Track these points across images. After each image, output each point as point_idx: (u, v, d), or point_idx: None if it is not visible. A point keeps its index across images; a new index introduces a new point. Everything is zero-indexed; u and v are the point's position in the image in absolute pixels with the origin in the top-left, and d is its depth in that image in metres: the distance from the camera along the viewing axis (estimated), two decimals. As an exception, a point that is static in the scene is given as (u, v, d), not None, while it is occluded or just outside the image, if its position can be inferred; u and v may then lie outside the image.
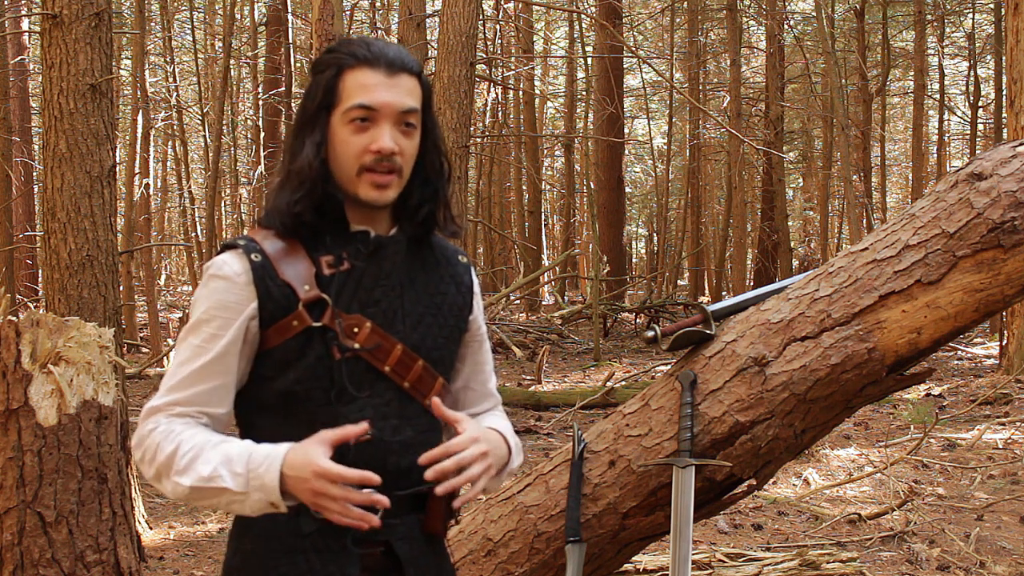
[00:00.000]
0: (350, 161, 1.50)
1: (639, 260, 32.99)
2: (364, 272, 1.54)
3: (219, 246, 1.56)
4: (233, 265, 1.51)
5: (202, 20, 20.46)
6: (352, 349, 1.51)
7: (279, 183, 1.55)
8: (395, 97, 1.49)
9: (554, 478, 2.57)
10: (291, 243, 1.53)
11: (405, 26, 10.57)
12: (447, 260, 1.67)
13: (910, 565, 4.18)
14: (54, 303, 4.58)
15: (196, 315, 1.51)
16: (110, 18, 4.77)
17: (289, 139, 1.58)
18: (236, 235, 1.69)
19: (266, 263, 1.50)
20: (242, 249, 1.51)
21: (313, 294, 1.50)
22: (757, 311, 2.45)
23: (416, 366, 1.56)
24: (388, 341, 1.54)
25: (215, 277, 1.51)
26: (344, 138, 1.50)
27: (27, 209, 14.84)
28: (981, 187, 2.25)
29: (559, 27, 24.80)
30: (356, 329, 1.52)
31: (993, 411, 7.88)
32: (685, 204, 23.04)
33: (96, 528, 3.04)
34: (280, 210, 1.52)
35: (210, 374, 1.50)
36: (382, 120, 1.49)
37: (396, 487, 1.53)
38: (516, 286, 14.98)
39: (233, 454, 1.43)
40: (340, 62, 1.51)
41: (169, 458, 1.45)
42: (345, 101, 1.50)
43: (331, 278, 1.52)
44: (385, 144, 1.48)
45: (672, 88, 16.92)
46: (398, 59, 1.52)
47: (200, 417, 1.51)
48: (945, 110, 20.57)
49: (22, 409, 2.95)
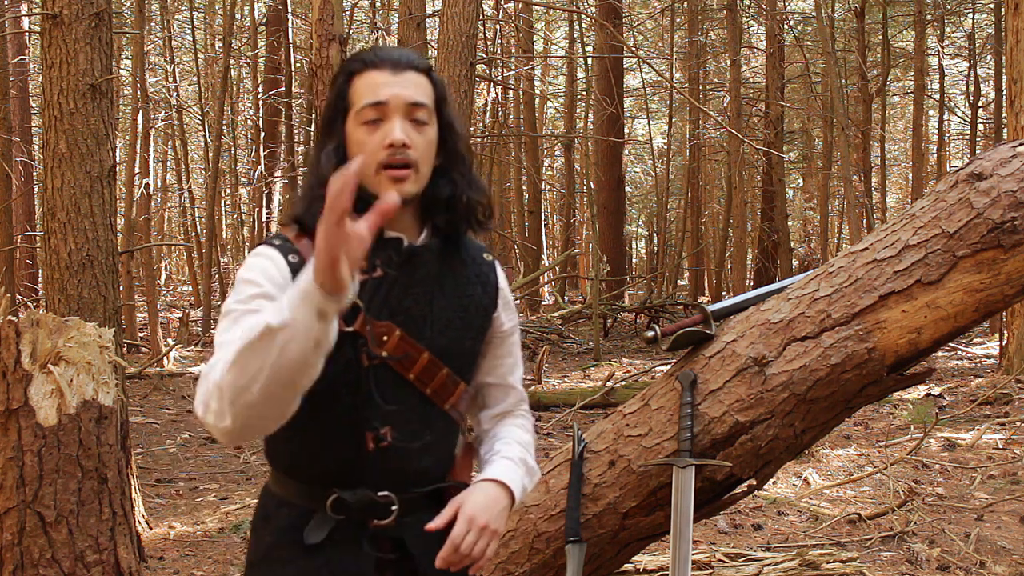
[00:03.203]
0: (368, 161, 1.50)
1: (639, 260, 32.99)
2: (396, 280, 1.55)
3: (256, 243, 1.55)
4: (276, 257, 1.51)
5: (202, 20, 20.46)
6: (380, 357, 1.52)
7: (306, 187, 1.57)
8: (401, 90, 1.52)
9: (554, 478, 2.57)
10: None
11: (405, 26, 10.57)
12: (473, 259, 1.68)
13: (910, 565, 4.18)
14: (54, 303, 4.58)
15: (241, 287, 1.46)
16: (110, 18, 4.76)
17: (315, 145, 1.62)
18: (269, 235, 1.67)
19: (302, 264, 1.50)
20: (279, 249, 1.52)
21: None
22: (757, 311, 2.45)
23: (440, 374, 1.58)
24: (416, 349, 1.56)
25: (259, 258, 1.51)
26: (359, 139, 1.52)
27: (27, 209, 14.84)
28: (981, 187, 2.25)
29: (559, 27, 24.80)
30: (385, 337, 1.53)
31: (993, 411, 7.88)
32: (685, 204, 23.04)
33: (96, 528, 3.04)
34: (313, 218, 1.44)
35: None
36: (392, 114, 1.51)
37: (415, 486, 1.57)
38: (516, 286, 14.96)
39: (266, 309, 1.33)
40: (350, 68, 1.56)
41: (226, 364, 1.31)
42: (356, 104, 1.53)
43: (363, 284, 1.52)
44: (396, 136, 1.49)
45: (672, 88, 16.92)
46: (404, 58, 1.55)
47: None
48: (945, 110, 20.57)
49: (22, 409, 2.95)
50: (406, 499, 1.56)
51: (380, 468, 1.54)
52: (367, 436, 1.53)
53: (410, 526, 1.57)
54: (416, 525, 1.56)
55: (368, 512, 1.54)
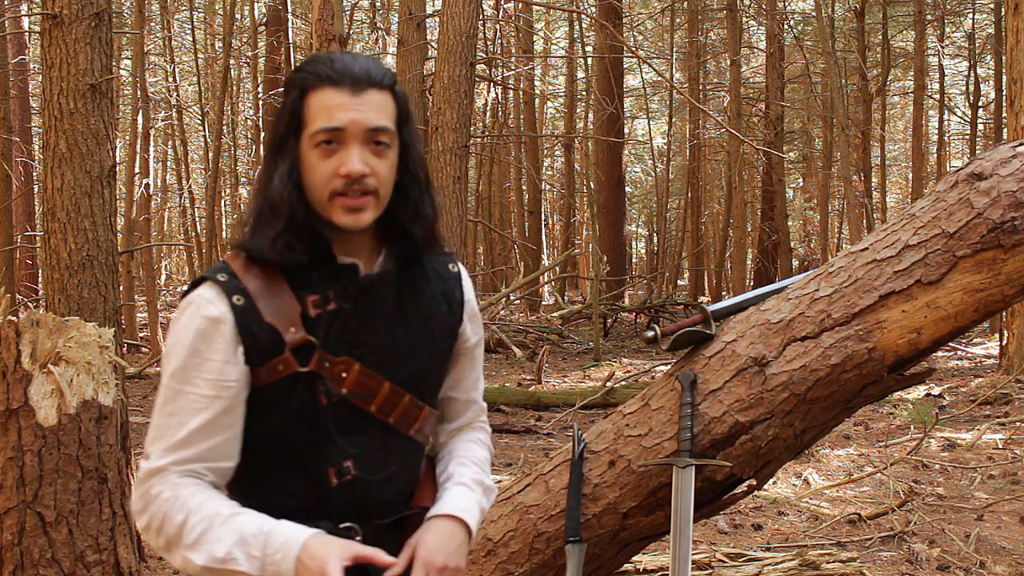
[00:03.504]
0: (320, 187, 1.42)
1: (639, 260, 33.00)
2: (353, 312, 1.47)
3: (195, 278, 1.48)
4: (217, 306, 1.42)
5: (202, 20, 20.46)
6: (339, 395, 1.46)
7: (255, 211, 1.46)
8: (361, 115, 1.40)
9: (554, 478, 2.57)
10: (273, 277, 1.45)
11: (405, 26, 10.58)
12: (437, 275, 1.59)
13: (910, 565, 4.18)
14: (54, 303, 4.58)
15: (181, 359, 1.41)
16: (110, 18, 4.77)
17: (263, 162, 1.49)
18: (215, 263, 1.60)
19: (249, 305, 1.42)
20: (222, 288, 1.43)
21: (299, 337, 1.43)
22: (757, 311, 2.45)
23: (402, 403, 1.52)
24: (376, 382, 1.49)
25: (197, 317, 1.42)
26: (312, 163, 1.42)
27: (27, 209, 14.84)
28: (981, 187, 2.25)
29: (559, 27, 24.81)
30: (344, 373, 1.46)
31: (993, 411, 7.88)
32: (685, 204, 23.05)
33: (96, 528, 3.04)
34: (264, 247, 1.43)
35: (219, 427, 1.42)
36: (350, 141, 1.40)
37: (376, 517, 1.52)
38: (516, 286, 14.97)
39: (248, 534, 1.36)
40: (304, 83, 1.43)
41: (178, 530, 1.37)
42: (310, 125, 1.41)
43: (317, 319, 1.45)
44: (354, 167, 1.39)
45: (672, 88, 16.92)
46: (364, 74, 1.42)
47: (206, 475, 1.43)
48: (945, 110, 20.57)
49: (22, 409, 2.95)
50: (369, 528, 1.51)
51: (344, 500, 1.49)
52: (329, 472, 1.48)
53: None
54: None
55: None
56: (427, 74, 10.77)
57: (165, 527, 1.39)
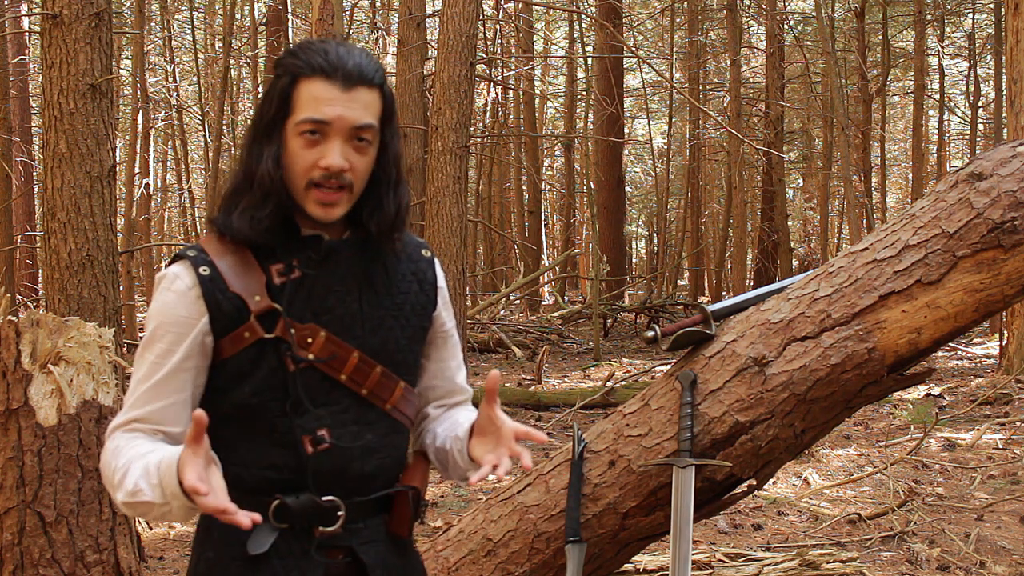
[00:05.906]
0: (299, 174, 1.45)
1: (639, 260, 33.01)
2: (316, 279, 1.51)
3: (171, 256, 1.52)
4: (184, 279, 1.47)
5: (202, 20, 20.46)
6: (306, 360, 1.48)
7: (235, 189, 1.50)
8: (348, 112, 1.43)
9: (554, 478, 2.57)
10: (241, 251, 1.49)
11: (405, 26, 10.58)
12: (409, 256, 1.62)
13: (910, 565, 4.18)
14: (54, 303, 4.58)
15: (150, 330, 1.48)
16: (110, 18, 4.77)
17: (246, 141, 1.51)
18: (187, 244, 1.67)
19: (215, 275, 1.47)
20: (190, 261, 1.48)
21: (264, 304, 1.47)
22: (757, 311, 2.45)
23: (374, 373, 1.54)
24: (344, 349, 1.51)
25: (166, 291, 1.48)
26: (295, 150, 1.45)
27: (27, 209, 14.84)
28: (981, 187, 2.25)
29: (559, 27, 24.81)
30: (310, 339, 1.49)
31: (993, 411, 7.88)
32: (685, 204, 23.06)
33: (96, 528, 3.04)
34: (243, 226, 1.47)
35: (164, 391, 1.47)
36: (333, 135, 1.44)
37: (358, 492, 1.53)
38: (516, 286, 14.98)
39: (151, 465, 1.38)
40: (296, 70, 1.45)
41: (112, 473, 1.43)
42: (297, 113, 1.44)
43: (282, 287, 1.49)
44: (333, 161, 1.43)
45: (672, 88, 16.93)
46: (356, 71, 1.44)
47: (156, 435, 1.47)
48: (945, 110, 20.59)
49: (22, 409, 2.95)
50: (353, 504, 1.52)
51: (323, 471, 1.50)
52: (304, 440, 1.49)
53: (358, 532, 1.53)
54: (365, 532, 1.54)
55: (313, 518, 1.50)
56: (427, 74, 10.77)
57: (106, 473, 1.46)
